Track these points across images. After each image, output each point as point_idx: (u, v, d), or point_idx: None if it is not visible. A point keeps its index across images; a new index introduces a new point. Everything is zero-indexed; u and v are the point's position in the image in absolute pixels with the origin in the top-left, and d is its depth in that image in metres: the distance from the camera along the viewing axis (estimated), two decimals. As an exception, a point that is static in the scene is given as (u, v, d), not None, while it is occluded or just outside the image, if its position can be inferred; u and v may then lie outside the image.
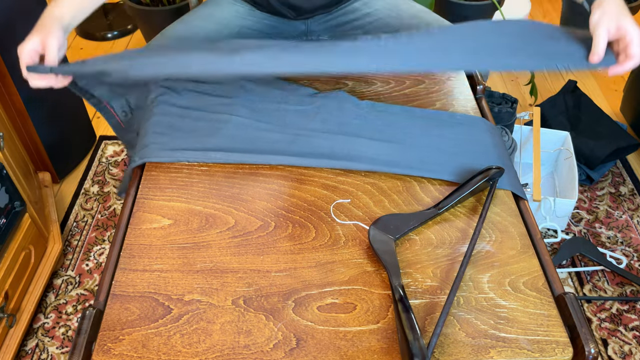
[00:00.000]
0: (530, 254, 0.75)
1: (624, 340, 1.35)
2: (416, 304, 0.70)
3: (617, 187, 1.74)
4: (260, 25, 1.19)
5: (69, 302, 1.41)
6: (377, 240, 0.74)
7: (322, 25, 1.21)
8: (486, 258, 0.75)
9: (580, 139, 1.75)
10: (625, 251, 1.55)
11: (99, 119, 2.00)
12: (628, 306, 1.42)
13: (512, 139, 1.57)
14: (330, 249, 0.76)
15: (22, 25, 1.42)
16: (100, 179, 1.75)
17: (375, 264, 0.74)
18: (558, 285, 0.72)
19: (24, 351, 1.32)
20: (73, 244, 1.56)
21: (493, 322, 0.68)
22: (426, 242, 0.77)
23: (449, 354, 0.64)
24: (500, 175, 0.84)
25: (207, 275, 0.73)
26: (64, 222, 1.62)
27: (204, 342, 0.66)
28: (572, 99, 1.92)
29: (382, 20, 1.18)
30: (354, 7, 1.19)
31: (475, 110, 0.99)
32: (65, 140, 1.70)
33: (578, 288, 1.46)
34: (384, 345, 0.65)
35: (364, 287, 0.71)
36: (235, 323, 0.68)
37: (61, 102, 1.63)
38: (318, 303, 0.70)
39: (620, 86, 2.16)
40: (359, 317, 0.68)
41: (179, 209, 0.81)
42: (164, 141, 0.91)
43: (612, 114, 2.02)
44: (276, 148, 0.89)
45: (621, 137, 1.77)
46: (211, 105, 0.98)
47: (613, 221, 1.63)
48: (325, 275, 0.73)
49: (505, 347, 0.65)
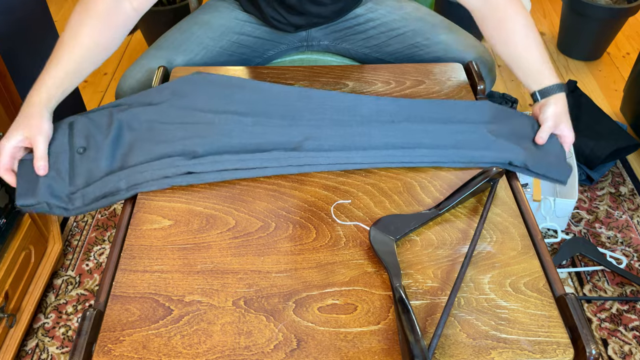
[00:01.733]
0: (531, 254, 0.75)
1: (624, 340, 1.35)
2: (417, 304, 0.70)
3: (617, 187, 1.74)
4: (260, 32, 1.17)
5: (69, 302, 1.41)
6: (378, 241, 0.74)
7: (322, 31, 1.20)
8: (487, 259, 0.75)
9: (580, 139, 1.75)
10: (625, 251, 1.55)
11: (98, 118, 2.00)
12: (628, 306, 1.42)
13: (512, 139, 1.57)
14: (330, 249, 0.76)
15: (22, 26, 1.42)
16: (100, 179, 1.75)
17: (376, 265, 0.74)
18: (559, 286, 0.72)
19: (24, 351, 1.32)
20: (73, 244, 1.56)
21: (494, 323, 0.68)
22: (427, 242, 0.77)
23: (450, 355, 0.64)
24: (501, 176, 0.84)
25: (207, 276, 0.73)
26: (64, 222, 1.62)
27: (205, 343, 0.66)
28: (572, 99, 1.92)
29: (386, 24, 1.17)
30: (356, 12, 1.18)
31: (475, 110, 0.99)
32: (65, 140, 1.70)
33: (578, 288, 1.46)
34: (384, 346, 0.65)
35: (365, 288, 0.71)
36: (235, 324, 0.68)
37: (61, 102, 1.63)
38: (319, 304, 0.70)
39: (620, 86, 2.16)
40: (360, 318, 0.68)
41: (179, 209, 0.81)
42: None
43: (612, 114, 2.02)
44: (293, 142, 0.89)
45: (621, 137, 1.77)
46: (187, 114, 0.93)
47: (613, 221, 1.63)
48: (326, 276, 0.73)
49: (506, 348, 0.65)
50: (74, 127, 0.91)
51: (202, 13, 1.17)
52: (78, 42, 0.92)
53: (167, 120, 0.92)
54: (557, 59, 2.29)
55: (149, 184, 0.83)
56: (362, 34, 1.18)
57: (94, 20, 0.94)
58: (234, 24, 1.16)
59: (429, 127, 0.92)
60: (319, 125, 0.92)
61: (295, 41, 1.21)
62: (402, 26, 1.16)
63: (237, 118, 0.92)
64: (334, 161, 0.86)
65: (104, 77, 2.19)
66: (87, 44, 0.93)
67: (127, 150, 0.87)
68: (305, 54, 1.24)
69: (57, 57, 0.92)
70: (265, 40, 1.18)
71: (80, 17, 0.93)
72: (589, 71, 2.23)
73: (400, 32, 1.16)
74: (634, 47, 2.37)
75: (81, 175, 0.85)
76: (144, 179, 0.83)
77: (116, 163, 0.86)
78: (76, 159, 0.86)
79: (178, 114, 0.92)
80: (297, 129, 0.91)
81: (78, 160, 0.86)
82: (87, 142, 0.88)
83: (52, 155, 0.86)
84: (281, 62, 1.24)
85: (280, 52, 1.22)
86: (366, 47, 1.19)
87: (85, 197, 0.82)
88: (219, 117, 0.92)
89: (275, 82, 1.04)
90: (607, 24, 2.13)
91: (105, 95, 2.10)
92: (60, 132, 0.90)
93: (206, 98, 0.95)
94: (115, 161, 0.86)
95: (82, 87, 2.13)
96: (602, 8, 2.06)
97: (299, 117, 0.93)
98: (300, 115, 0.93)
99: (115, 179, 0.83)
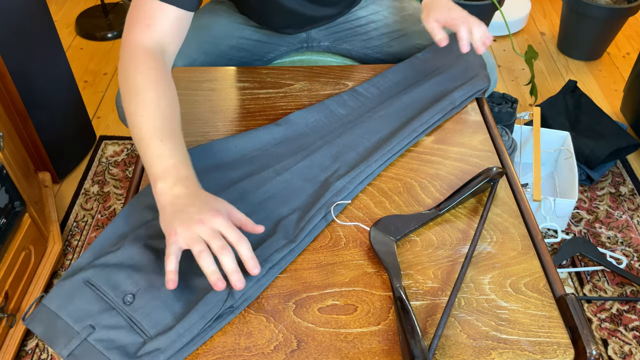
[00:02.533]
0: (531, 255, 0.75)
1: (624, 340, 1.35)
2: (417, 305, 0.70)
3: (617, 187, 1.74)
4: (260, 35, 1.17)
5: (69, 303, 1.41)
6: (378, 242, 0.74)
7: (322, 32, 1.20)
8: (487, 259, 0.75)
9: (580, 139, 1.75)
10: (625, 251, 1.55)
11: (99, 119, 2.00)
12: (628, 306, 1.42)
13: (512, 139, 1.57)
14: (330, 250, 0.76)
15: (22, 26, 1.42)
16: (100, 179, 1.75)
17: (376, 265, 0.74)
18: (559, 287, 0.71)
19: (24, 351, 1.32)
20: (73, 244, 1.56)
21: (494, 323, 0.68)
22: (427, 243, 0.77)
23: (450, 356, 0.64)
24: (501, 176, 0.84)
25: (207, 277, 0.73)
26: (64, 222, 1.62)
27: (204, 344, 0.66)
28: (572, 99, 1.92)
29: (388, 26, 1.17)
30: (357, 14, 1.18)
31: (475, 109, 0.99)
32: (65, 140, 1.70)
33: (578, 288, 1.46)
34: (384, 347, 0.65)
35: (365, 289, 0.71)
36: (235, 325, 0.67)
37: (61, 102, 1.63)
38: (319, 305, 0.70)
39: (620, 86, 2.16)
40: (360, 319, 0.68)
41: (179, 210, 0.81)
42: None
43: (612, 114, 2.02)
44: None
45: (621, 137, 1.77)
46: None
47: (613, 221, 1.63)
48: (326, 276, 0.73)
49: (506, 348, 0.65)
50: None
51: (200, 17, 1.15)
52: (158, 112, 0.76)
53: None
54: (557, 59, 2.29)
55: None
56: (363, 35, 1.18)
57: (159, 90, 0.78)
58: (232, 27, 1.15)
59: (405, 99, 0.99)
60: (316, 151, 0.89)
61: (295, 43, 1.20)
62: (404, 28, 1.16)
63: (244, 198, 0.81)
64: (360, 179, 0.84)
65: (104, 77, 2.19)
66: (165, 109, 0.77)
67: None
68: (306, 55, 1.24)
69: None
70: (265, 43, 1.17)
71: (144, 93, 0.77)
72: (589, 71, 2.23)
73: (402, 33, 1.16)
74: (634, 47, 2.37)
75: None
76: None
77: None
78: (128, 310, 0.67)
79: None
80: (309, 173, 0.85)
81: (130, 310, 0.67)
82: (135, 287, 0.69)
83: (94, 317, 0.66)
84: (281, 62, 1.23)
85: (280, 54, 1.21)
86: (367, 48, 1.19)
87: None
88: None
89: (275, 82, 1.04)
90: (607, 24, 2.13)
91: (105, 95, 2.10)
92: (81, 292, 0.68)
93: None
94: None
95: (82, 87, 2.13)
96: (602, 8, 2.06)
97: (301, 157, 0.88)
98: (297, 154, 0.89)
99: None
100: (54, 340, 0.64)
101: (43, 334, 0.64)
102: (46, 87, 1.55)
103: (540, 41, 2.39)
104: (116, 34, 2.39)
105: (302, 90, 1.03)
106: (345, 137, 0.92)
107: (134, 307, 0.66)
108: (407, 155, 0.90)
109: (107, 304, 0.66)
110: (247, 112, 0.98)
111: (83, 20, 2.45)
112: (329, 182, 0.83)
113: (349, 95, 1.00)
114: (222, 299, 0.66)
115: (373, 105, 0.99)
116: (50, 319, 0.65)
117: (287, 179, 0.84)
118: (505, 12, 2.31)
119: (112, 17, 2.46)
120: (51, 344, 0.63)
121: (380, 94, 1.01)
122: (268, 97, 1.01)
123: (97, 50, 2.33)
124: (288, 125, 0.94)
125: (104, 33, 2.38)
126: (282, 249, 0.73)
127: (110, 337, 0.63)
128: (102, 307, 0.66)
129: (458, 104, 0.97)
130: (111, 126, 1.97)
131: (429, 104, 0.97)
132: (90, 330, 0.64)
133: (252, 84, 1.04)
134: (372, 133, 0.92)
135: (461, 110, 0.99)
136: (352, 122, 0.95)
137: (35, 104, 1.51)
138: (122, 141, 1.90)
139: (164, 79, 0.79)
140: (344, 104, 0.99)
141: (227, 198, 0.74)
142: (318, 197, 0.80)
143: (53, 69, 1.57)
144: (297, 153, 0.89)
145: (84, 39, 2.39)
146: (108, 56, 2.30)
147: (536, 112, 1.73)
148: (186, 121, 0.95)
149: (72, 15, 2.54)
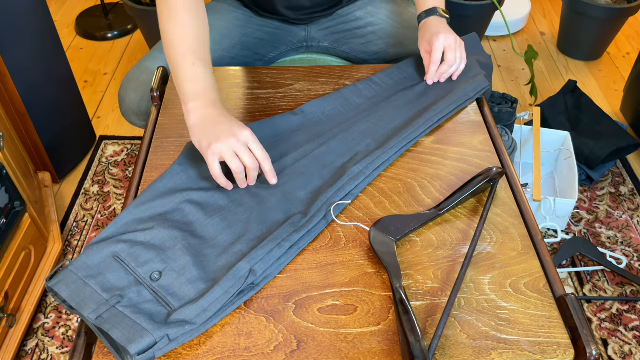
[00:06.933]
0: (531, 255, 0.75)
1: (624, 340, 1.35)
2: (417, 305, 0.70)
3: (617, 187, 1.74)
4: (261, 33, 1.17)
5: (69, 303, 1.41)
6: (378, 242, 0.74)
7: (322, 32, 1.20)
8: (487, 259, 0.75)
9: (580, 139, 1.75)
10: (625, 251, 1.55)
11: (99, 119, 2.00)
12: (628, 306, 1.42)
13: (512, 139, 1.57)
14: (330, 250, 0.76)
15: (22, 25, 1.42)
16: (100, 179, 1.75)
17: (376, 266, 0.74)
18: (559, 287, 0.71)
19: (24, 351, 1.32)
20: (73, 244, 1.56)
21: (494, 323, 0.68)
22: (427, 243, 0.77)
23: (450, 356, 0.64)
24: (501, 176, 0.84)
25: (207, 277, 0.73)
26: (64, 222, 1.62)
27: (205, 344, 0.66)
28: (572, 99, 1.92)
29: (384, 30, 1.17)
30: (356, 15, 1.18)
31: (475, 109, 0.99)
32: (65, 140, 1.70)
33: (578, 288, 1.46)
34: (384, 347, 0.65)
35: (365, 289, 0.71)
36: (235, 325, 0.67)
37: (61, 102, 1.63)
38: (319, 305, 0.70)
39: (620, 86, 2.16)
40: (360, 319, 0.68)
41: (179, 210, 0.81)
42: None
43: (612, 114, 2.02)
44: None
45: (621, 137, 1.77)
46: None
47: (613, 221, 1.63)
48: (326, 276, 0.73)
49: (506, 349, 0.65)
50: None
51: None
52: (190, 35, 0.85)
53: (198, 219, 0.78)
54: (557, 59, 2.29)
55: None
56: (361, 39, 1.18)
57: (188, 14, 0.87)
58: (235, 25, 1.15)
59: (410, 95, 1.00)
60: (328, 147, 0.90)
61: (295, 42, 1.21)
62: (401, 34, 1.16)
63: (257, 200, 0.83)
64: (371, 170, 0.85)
65: (104, 77, 2.19)
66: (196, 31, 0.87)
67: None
68: (306, 54, 1.24)
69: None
70: (266, 41, 1.18)
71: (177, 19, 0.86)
72: (589, 71, 2.23)
73: (398, 40, 1.16)
74: (634, 47, 2.37)
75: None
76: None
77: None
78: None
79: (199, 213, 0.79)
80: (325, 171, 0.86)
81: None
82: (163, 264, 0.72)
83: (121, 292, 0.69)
84: (281, 62, 1.23)
85: (281, 53, 1.22)
86: (365, 53, 1.19)
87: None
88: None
89: (275, 82, 1.04)
90: (607, 24, 2.13)
91: (105, 95, 2.10)
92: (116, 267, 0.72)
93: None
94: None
95: (82, 87, 2.13)
96: (602, 8, 2.05)
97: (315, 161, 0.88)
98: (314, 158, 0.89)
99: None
100: (82, 304, 0.67)
101: (69, 297, 0.67)
102: (46, 87, 1.55)
103: (540, 41, 2.39)
104: (116, 34, 2.39)
105: (302, 90, 1.03)
106: (361, 125, 0.94)
107: (160, 284, 0.70)
108: (407, 155, 0.90)
109: (135, 279, 0.70)
110: (247, 112, 0.98)
111: (83, 20, 2.45)
112: (345, 167, 0.85)
113: (365, 85, 1.03)
114: (244, 275, 0.69)
115: (387, 95, 1.01)
116: (78, 285, 0.68)
117: (305, 165, 0.87)
118: (505, 12, 2.31)
119: (112, 17, 2.46)
120: (78, 307, 0.66)
121: (395, 84, 1.03)
122: (268, 97, 1.01)
123: (97, 50, 2.33)
124: (305, 114, 0.96)
125: (104, 33, 2.38)
126: (301, 229, 0.75)
127: (138, 307, 0.67)
128: (130, 282, 0.69)
129: (472, 96, 0.99)
130: (111, 126, 1.96)
131: (443, 94, 0.99)
132: (118, 299, 0.67)
133: (252, 84, 1.04)
134: (387, 121, 0.95)
135: (461, 110, 0.99)
136: (367, 111, 0.97)
137: (35, 104, 1.51)
138: (122, 141, 1.90)
139: (197, 5, 0.87)
140: (359, 93, 1.01)
141: None
142: (334, 181, 0.83)
143: (53, 69, 1.57)
144: (314, 140, 0.91)
145: (84, 39, 2.39)
146: (108, 56, 2.30)
147: (536, 112, 1.73)
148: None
149: (72, 15, 2.54)
